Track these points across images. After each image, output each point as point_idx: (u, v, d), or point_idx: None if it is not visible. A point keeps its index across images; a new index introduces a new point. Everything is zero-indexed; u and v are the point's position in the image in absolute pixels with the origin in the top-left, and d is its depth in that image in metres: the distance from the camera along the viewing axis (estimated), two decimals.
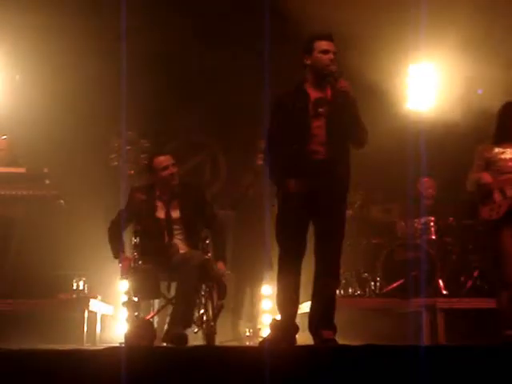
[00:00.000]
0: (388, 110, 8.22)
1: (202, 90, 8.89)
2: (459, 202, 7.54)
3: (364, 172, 7.10)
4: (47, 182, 6.82)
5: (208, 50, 8.85)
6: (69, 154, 8.18)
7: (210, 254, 5.50)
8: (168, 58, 8.84)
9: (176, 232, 5.43)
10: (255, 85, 7.14)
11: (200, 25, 8.65)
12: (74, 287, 6.88)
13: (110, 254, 5.53)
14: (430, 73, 8.67)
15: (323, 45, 4.70)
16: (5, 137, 7.25)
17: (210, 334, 5.24)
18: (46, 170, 6.83)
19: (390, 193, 8.11)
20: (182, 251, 5.33)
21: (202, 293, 5.38)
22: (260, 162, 7.67)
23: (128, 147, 9.00)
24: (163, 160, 5.54)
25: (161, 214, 5.46)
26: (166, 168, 5.50)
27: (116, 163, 8.41)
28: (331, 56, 4.68)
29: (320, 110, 4.68)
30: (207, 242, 5.57)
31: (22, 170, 6.80)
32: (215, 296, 5.29)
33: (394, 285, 6.93)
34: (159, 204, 5.50)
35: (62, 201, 6.91)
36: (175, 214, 5.47)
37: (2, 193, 6.66)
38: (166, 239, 5.39)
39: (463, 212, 7.46)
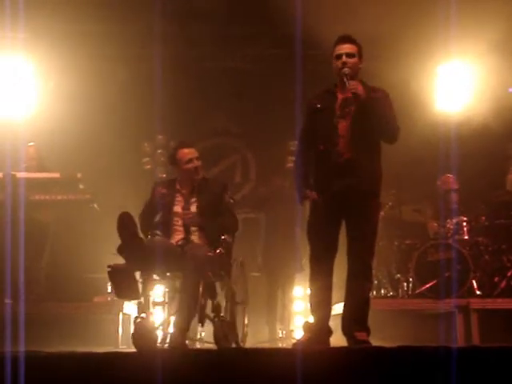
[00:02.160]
0: (418, 109, 8.18)
1: (233, 92, 8.93)
2: (492, 202, 7.48)
3: (395, 172, 7.10)
4: (81, 186, 6.91)
5: (239, 52, 8.90)
6: (102, 159, 8.27)
7: (220, 249, 5.16)
8: (198, 62, 8.90)
9: (193, 228, 5.25)
10: (286, 86, 7.16)
11: (228, 27, 8.69)
12: (109, 290, 6.93)
13: None
14: (460, 72, 8.61)
15: (338, 49, 4.78)
16: (32, 143, 7.37)
17: (216, 336, 5.10)
18: (79, 175, 6.90)
19: (421, 193, 8.07)
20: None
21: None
22: (290, 165, 7.72)
23: (159, 151, 9.11)
24: (188, 152, 5.37)
25: (179, 208, 5.32)
26: (190, 161, 5.34)
27: (149, 167, 8.52)
28: (343, 59, 4.72)
29: (346, 110, 4.71)
30: (223, 237, 5.24)
31: (56, 175, 6.89)
32: (202, 296, 4.93)
33: (427, 285, 6.89)
34: (179, 198, 5.34)
35: (95, 205, 6.98)
36: (193, 208, 5.30)
37: (37, 198, 6.75)
38: (184, 234, 5.22)
39: (496, 212, 7.40)
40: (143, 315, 4.96)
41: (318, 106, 4.82)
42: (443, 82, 8.69)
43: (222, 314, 5.21)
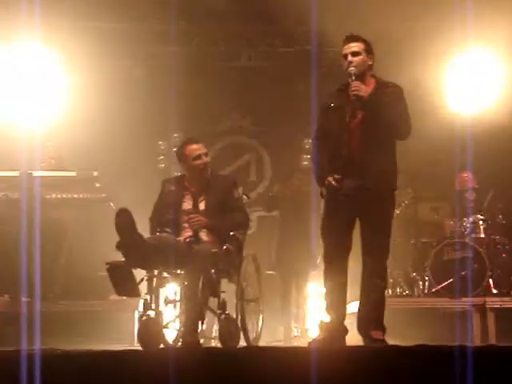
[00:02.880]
0: (436, 107, 8.14)
1: (248, 91, 8.93)
2: (508, 201, 7.44)
3: (411, 171, 7.07)
4: (97, 185, 6.94)
5: (254, 50, 8.90)
6: (118, 157, 8.29)
7: (227, 246, 5.07)
8: (214, 60, 8.91)
9: None
10: (301, 85, 7.15)
11: (244, 25, 8.71)
12: None
13: None
14: (481, 68, 8.50)
15: (344, 49, 4.76)
16: (49, 143, 7.41)
17: (220, 333, 5.05)
18: (95, 174, 6.94)
19: (438, 192, 8.04)
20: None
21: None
22: (305, 163, 7.71)
23: (174, 149, 9.13)
24: (196, 148, 5.20)
25: (187, 205, 5.22)
26: (198, 157, 5.18)
27: (163, 165, 8.55)
28: (348, 58, 4.71)
29: (356, 110, 4.70)
30: (232, 233, 5.16)
31: (72, 173, 6.93)
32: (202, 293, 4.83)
33: (443, 284, 6.86)
34: (187, 196, 5.25)
35: (111, 203, 7.01)
36: (202, 206, 5.20)
37: (54, 196, 6.80)
38: (192, 232, 5.11)
39: None
40: (150, 313, 4.89)
41: (331, 104, 4.82)
42: (462, 78, 8.57)
43: (227, 312, 5.12)
